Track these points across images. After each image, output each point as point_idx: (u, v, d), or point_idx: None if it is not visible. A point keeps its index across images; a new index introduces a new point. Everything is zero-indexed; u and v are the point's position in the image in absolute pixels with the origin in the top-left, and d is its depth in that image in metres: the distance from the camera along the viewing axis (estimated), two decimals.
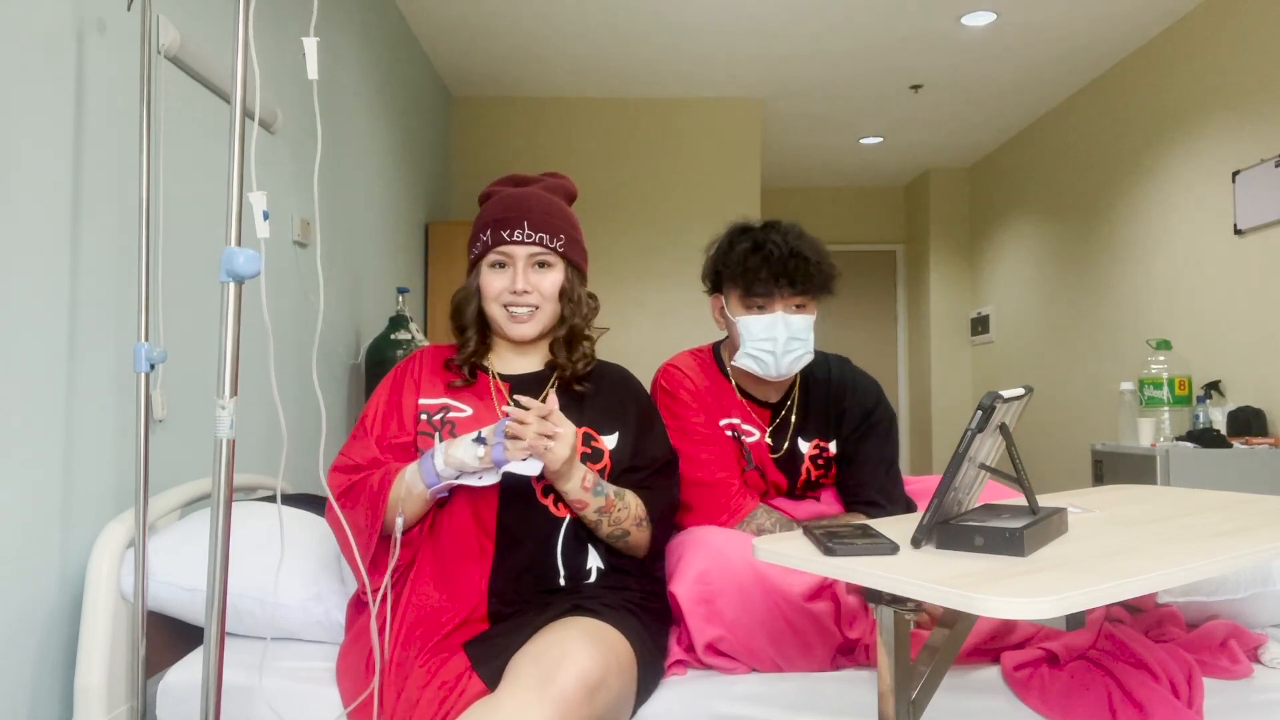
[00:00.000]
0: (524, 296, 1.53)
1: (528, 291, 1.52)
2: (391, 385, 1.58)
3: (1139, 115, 4.53)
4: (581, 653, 1.24)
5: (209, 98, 2.16)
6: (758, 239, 1.74)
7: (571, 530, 1.50)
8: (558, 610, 1.40)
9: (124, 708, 1.55)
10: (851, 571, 1.00)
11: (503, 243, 1.53)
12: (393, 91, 3.96)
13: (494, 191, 1.64)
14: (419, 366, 1.60)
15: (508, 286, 1.53)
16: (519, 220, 1.53)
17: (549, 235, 1.54)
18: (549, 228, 1.54)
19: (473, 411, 1.54)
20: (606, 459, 1.53)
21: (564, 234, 1.56)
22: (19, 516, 1.53)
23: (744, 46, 4.53)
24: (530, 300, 1.53)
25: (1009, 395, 1.09)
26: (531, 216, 1.53)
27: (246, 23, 1.20)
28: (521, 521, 1.48)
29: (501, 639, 1.37)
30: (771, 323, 1.72)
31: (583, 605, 1.41)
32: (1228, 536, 1.12)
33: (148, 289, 1.66)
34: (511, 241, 1.52)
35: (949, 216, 6.81)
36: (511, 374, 1.60)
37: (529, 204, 1.56)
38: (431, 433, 1.52)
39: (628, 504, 1.49)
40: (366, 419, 1.55)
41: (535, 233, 1.53)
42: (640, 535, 1.52)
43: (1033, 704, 1.42)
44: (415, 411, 1.55)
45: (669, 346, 2.43)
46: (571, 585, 1.49)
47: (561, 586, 1.48)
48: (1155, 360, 3.88)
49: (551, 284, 1.55)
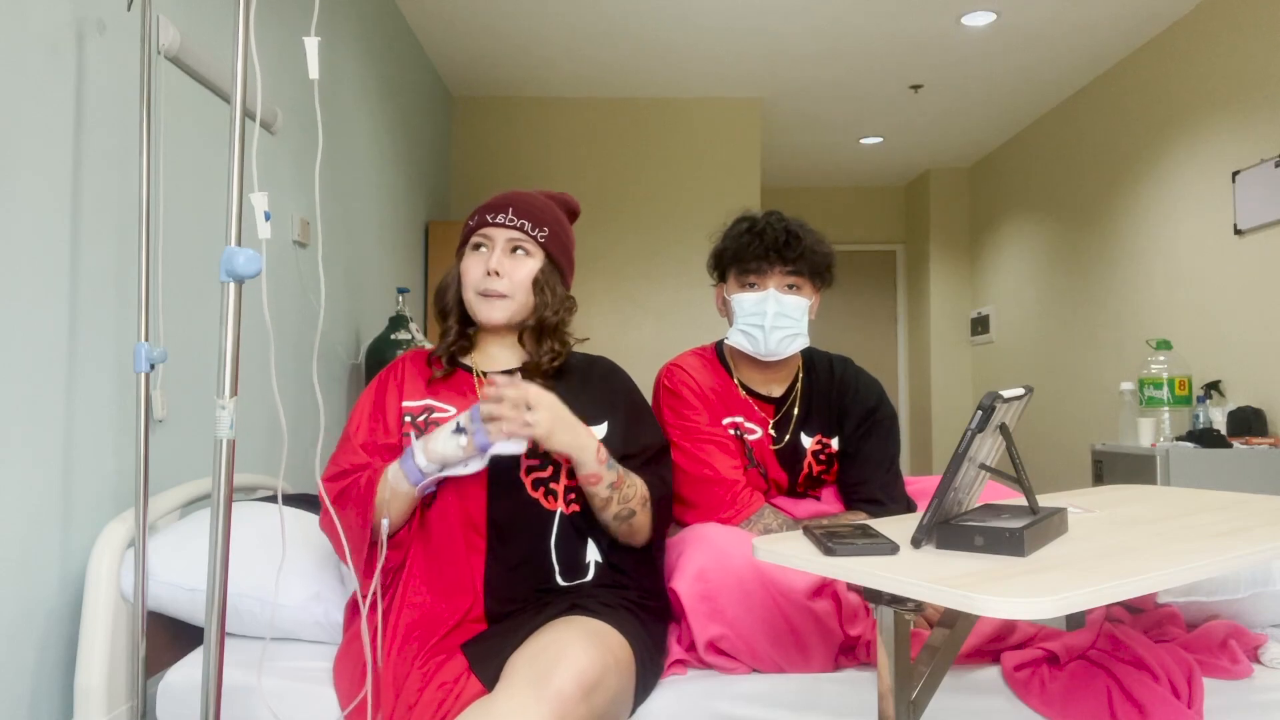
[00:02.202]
0: (495, 281, 1.51)
1: (499, 275, 1.51)
2: (375, 391, 1.57)
3: (1139, 115, 4.53)
4: (578, 652, 1.24)
5: (209, 98, 2.16)
6: (756, 221, 1.81)
7: (566, 524, 1.49)
8: (555, 610, 1.40)
9: (124, 708, 1.55)
10: (851, 571, 1.00)
11: (485, 225, 1.54)
12: (393, 91, 3.96)
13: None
14: (401, 370, 1.60)
15: (482, 268, 1.53)
16: (504, 206, 1.55)
17: (531, 224, 1.54)
18: (533, 217, 1.55)
19: (456, 410, 1.53)
20: None
21: (548, 227, 1.56)
22: (19, 516, 1.53)
23: (744, 46, 4.53)
24: (500, 286, 1.51)
25: (1009, 395, 1.09)
26: (517, 205, 1.55)
27: (247, 23, 1.20)
28: (512, 518, 1.47)
29: (499, 640, 1.37)
30: (762, 298, 1.75)
31: (581, 605, 1.41)
32: (1228, 536, 1.12)
33: (148, 289, 1.66)
34: (494, 224, 1.53)
35: (949, 216, 6.81)
36: (493, 370, 1.58)
37: (520, 196, 1.58)
38: (416, 435, 1.50)
39: (634, 481, 1.49)
40: (351, 425, 1.55)
41: (518, 219, 1.54)
42: (644, 517, 1.50)
43: (1033, 704, 1.42)
44: (399, 414, 1.54)
45: (670, 346, 2.43)
46: (569, 582, 1.48)
47: (559, 586, 1.47)
48: (1155, 360, 3.88)
49: (526, 272, 1.53)
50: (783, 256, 1.75)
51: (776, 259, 1.75)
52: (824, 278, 1.82)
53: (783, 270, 1.76)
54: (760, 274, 1.77)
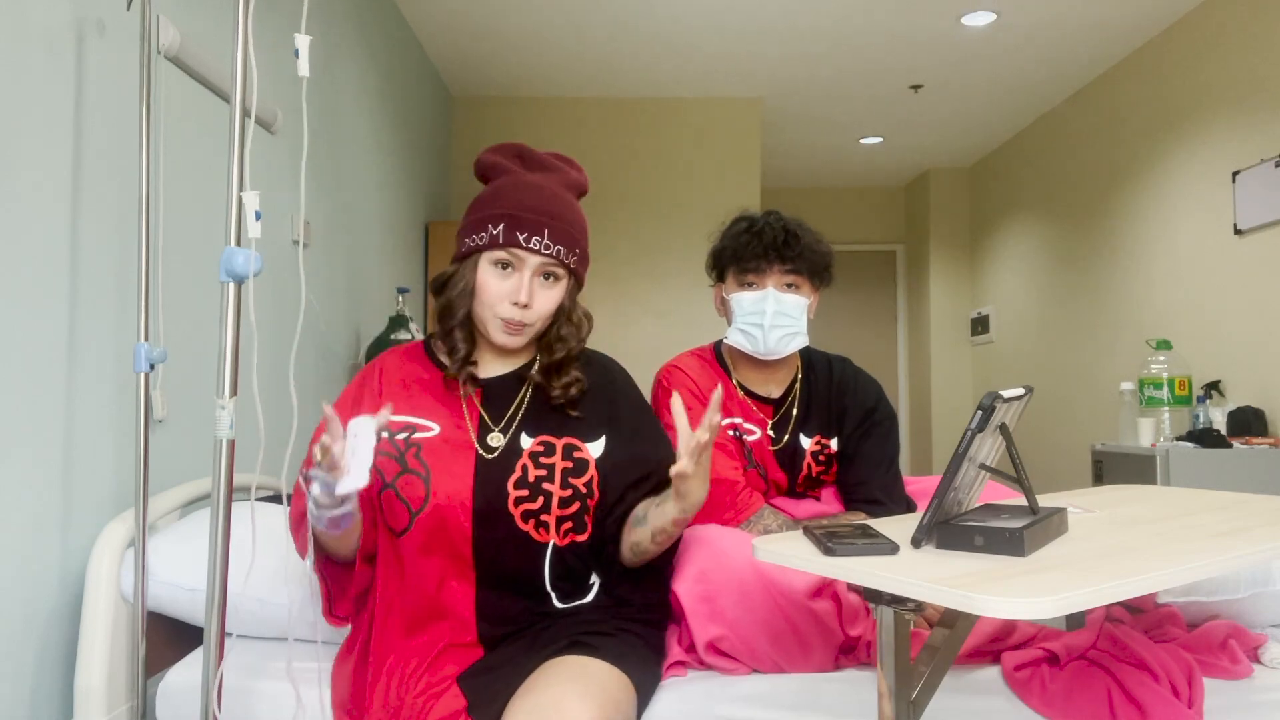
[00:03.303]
0: (525, 312, 1.38)
1: (529, 307, 1.38)
2: (351, 403, 1.45)
3: (1139, 115, 4.52)
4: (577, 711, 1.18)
5: (209, 98, 2.16)
6: (754, 220, 1.81)
7: (559, 556, 1.40)
8: (555, 646, 1.34)
9: (124, 708, 1.55)
10: (851, 571, 1.00)
11: (516, 245, 1.37)
12: (393, 91, 3.95)
13: (501, 166, 1.47)
14: (378, 379, 1.46)
15: (510, 295, 1.37)
16: (539, 227, 1.37)
17: (565, 249, 1.40)
18: (567, 240, 1.40)
19: (440, 429, 1.41)
20: (592, 469, 1.42)
21: (579, 247, 1.43)
22: (19, 517, 1.53)
23: (744, 46, 4.53)
24: (528, 316, 1.39)
25: (1009, 395, 1.09)
26: (554, 226, 1.39)
27: (246, 23, 1.20)
28: (499, 551, 1.38)
29: (497, 675, 1.31)
30: (761, 297, 1.75)
31: (581, 641, 1.34)
32: (1228, 536, 1.12)
33: (148, 289, 1.66)
34: (527, 248, 1.37)
35: (949, 216, 6.81)
36: (487, 377, 1.47)
37: (551, 207, 1.40)
38: (394, 455, 1.39)
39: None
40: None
41: (554, 244, 1.38)
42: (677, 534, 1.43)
43: (1033, 704, 1.42)
44: None
45: (669, 346, 2.43)
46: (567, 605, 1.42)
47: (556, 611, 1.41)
48: (1155, 360, 3.88)
49: (553, 301, 1.41)
50: (781, 255, 1.75)
51: (775, 258, 1.75)
52: (823, 277, 1.82)
53: (781, 269, 1.76)
54: (759, 273, 1.77)
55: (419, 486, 1.37)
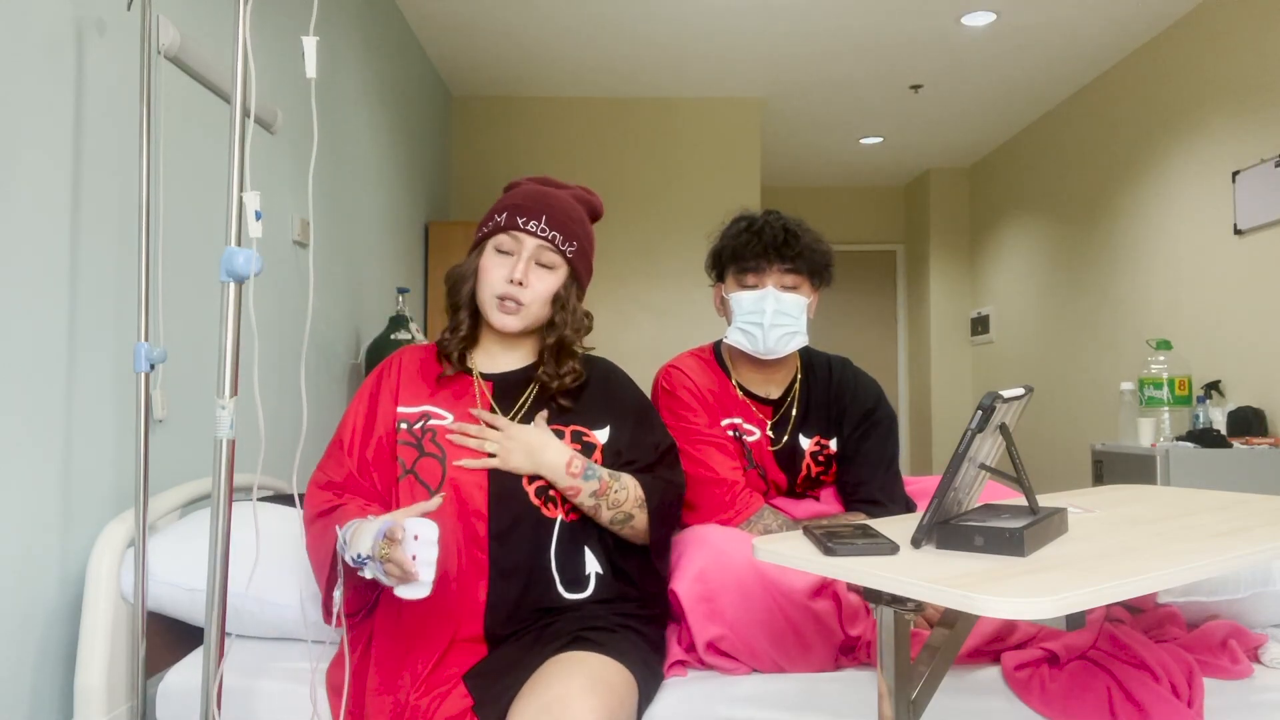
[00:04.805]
0: (518, 290, 1.48)
1: (523, 285, 1.48)
2: (370, 395, 1.53)
3: (1139, 115, 4.53)
4: (583, 707, 1.21)
5: (209, 98, 2.16)
6: (754, 220, 1.81)
7: (565, 532, 1.47)
8: (558, 641, 1.36)
9: (124, 708, 1.55)
10: (851, 571, 1.00)
11: (515, 228, 1.49)
12: (393, 91, 3.96)
13: (523, 182, 1.60)
14: (396, 372, 1.55)
15: (506, 275, 1.48)
16: (539, 213, 1.50)
17: (563, 236, 1.51)
18: (565, 230, 1.51)
19: (453, 417, 1.50)
20: (599, 454, 1.51)
21: (577, 241, 1.53)
22: (19, 517, 1.53)
23: (744, 46, 4.53)
24: (522, 297, 1.48)
25: (1009, 395, 1.09)
26: (552, 213, 1.51)
27: (246, 23, 1.20)
28: (512, 526, 1.44)
29: (502, 673, 1.33)
30: (761, 297, 1.76)
31: (583, 637, 1.37)
32: (1228, 536, 1.12)
33: (148, 289, 1.66)
34: (524, 230, 1.49)
35: (949, 216, 6.81)
36: (495, 373, 1.55)
37: (554, 202, 1.53)
38: (413, 442, 1.47)
39: (625, 485, 1.47)
40: (344, 430, 1.51)
41: (550, 229, 1.50)
42: (642, 519, 1.48)
43: (1033, 704, 1.42)
44: (394, 421, 1.50)
45: (669, 346, 2.43)
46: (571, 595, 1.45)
47: (559, 603, 1.44)
48: (1155, 360, 3.88)
49: (548, 287, 1.51)
50: (781, 255, 1.75)
51: (775, 257, 1.75)
52: (822, 276, 1.82)
53: (781, 269, 1.76)
54: (759, 272, 1.77)
55: (436, 468, 1.45)
